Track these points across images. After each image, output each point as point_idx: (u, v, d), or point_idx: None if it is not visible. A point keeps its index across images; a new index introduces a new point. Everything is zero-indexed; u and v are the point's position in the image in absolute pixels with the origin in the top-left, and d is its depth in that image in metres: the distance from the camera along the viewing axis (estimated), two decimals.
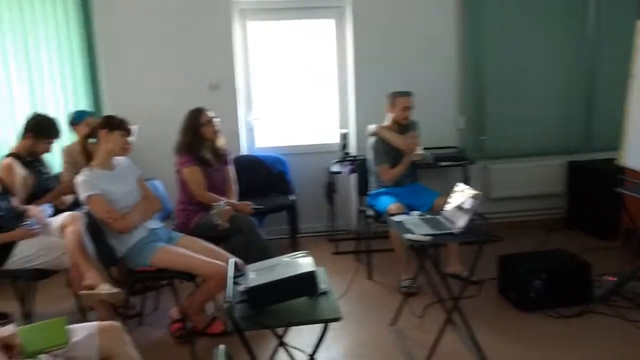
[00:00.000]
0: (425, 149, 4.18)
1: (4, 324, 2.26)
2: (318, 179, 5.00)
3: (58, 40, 4.59)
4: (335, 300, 2.20)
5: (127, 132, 3.23)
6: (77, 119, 4.21)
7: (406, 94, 4.15)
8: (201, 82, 4.84)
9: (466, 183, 3.28)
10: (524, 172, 5.30)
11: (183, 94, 4.69)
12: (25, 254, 3.23)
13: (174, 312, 3.37)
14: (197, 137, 3.75)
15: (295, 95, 5.27)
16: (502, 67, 5.10)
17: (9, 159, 3.70)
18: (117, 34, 4.73)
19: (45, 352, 2.01)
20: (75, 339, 2.07)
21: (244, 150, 5.15)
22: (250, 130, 5.25)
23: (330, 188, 4.84)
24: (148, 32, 4.76)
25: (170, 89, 4.79)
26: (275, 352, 2.61)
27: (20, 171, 3.69)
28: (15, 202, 3.44)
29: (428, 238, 2.85)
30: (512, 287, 3.65)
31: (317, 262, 2.27)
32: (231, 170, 4.02)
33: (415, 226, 3.01)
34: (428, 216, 3.21)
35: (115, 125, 3.20)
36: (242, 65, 5.07)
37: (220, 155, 3.90)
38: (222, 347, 1.66)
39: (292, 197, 4.76)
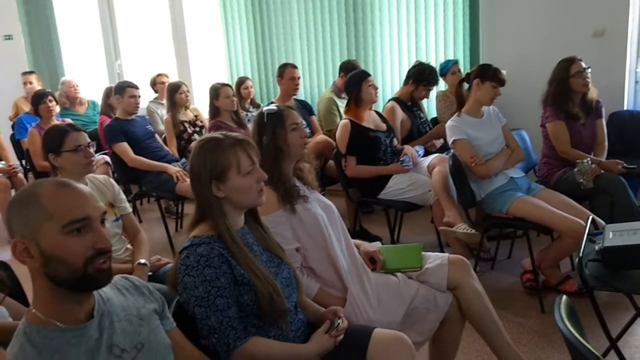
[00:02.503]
0: None
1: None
2: None
3: None
4: None
5: (500, 83, 3.27)
6: (443, 70, 4.47)
7: None
8: (584, 30, 4.49)
9: None
10: None
11: (562, 43, 4.43)
12: (398, 186, 3.65)
13: (527, 263, 3.36)
14: (564, 89, 3.52)
15: None
16: None
17: (392, 103, 4.19)
18: None
19: (401, 271, 2.28)
20: (428, 265, 2.28)
21: (628, 104, 4.63)
22: (639, 82, 4.67)
23: None
24: None
25: (549, 37, 4.58)
26: (630, 323, 2.40)
27: (400, 114, 4.14)
28: (394, 141, 3.89)
29: None
30: None
31: None
32: (603, 125, 3.69)
33: None
34: None
35: (489, 76, 3.27)
36: (636, 7, 4.50)
37: (590, 109, 3.60)
38: (565, 297, 1.62)
39: None
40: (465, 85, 3.48)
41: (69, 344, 1.23)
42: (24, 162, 5.58)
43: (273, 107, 2.24)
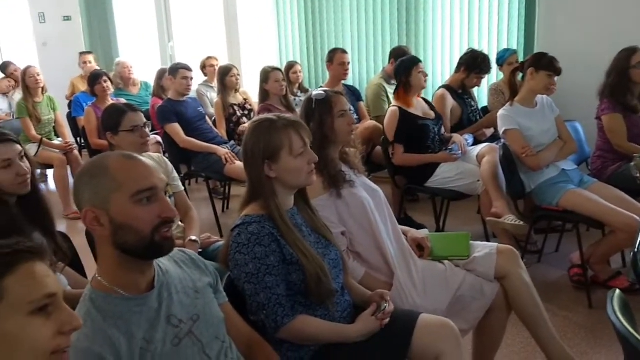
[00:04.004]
0: None
1: None
2: None
3: None
4: None
5: (555, 72, 3.19)
6: (500, 59, 4.38)
7: None
8: None
9: None
10: None
11: (622, 33, 4.24)
12: (446, 175, 3.62)
13: (575, 257, 3.30)
14: (623, 80, 3.39)
15: None
16: None
17: (443, 90, 4.15)
18: None
19: (449, 259, 2.27)
20: (476, 254, 2.26)
21: None
22: None
23: None
24: None
25: (609, 26, 4.41)
26: None
27: (450, 102, 4.10)
28: (443, 128, 3.85)
29: None
30: None
31: None
32: None
33: None
34: None
35: (544, 65, 3.19)
36: None
37: None
38: (618, 291, 1.59)
39: None
40: (519, 76, 3.41)
41: (131, 312, 1.29)
42: (79, 139, 5.77)
43: (322, 92, 2.24)
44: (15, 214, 1.92)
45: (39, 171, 6.04)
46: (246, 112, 5.02)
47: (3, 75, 6.77)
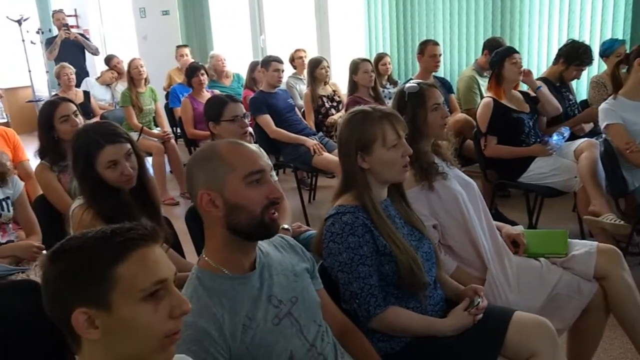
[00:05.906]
0: None
1: None
2: None
3: None
4: None
5: None
6: (607, 50, 4.15)
7: None
8: None
9: None
10: None
11: None
12: (540, 170, 3.49)
13: None
14: None
15: None
16: None
17: (539, 83, 3.98)
18: None
19: (545, 257, 2.20)
20: (574, 252, 2.18)
21: None
22: None
23: None
24: None
25: None
26: None
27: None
28: (540, 123, 3.71)
29: None
30: None
31: None
32: None
33: None
34: None
35: None
36: None
37: None
38: None
39: None
40: (623, 68, 3.23)
41: (234, 290, 1.36)
42: (175, 129, 6.04)
43: (415, 85, 2.20)
44: (127, 201, 2.04)
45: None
46: (334, 104, 5.06)
47: (107, 68, 7.20)
